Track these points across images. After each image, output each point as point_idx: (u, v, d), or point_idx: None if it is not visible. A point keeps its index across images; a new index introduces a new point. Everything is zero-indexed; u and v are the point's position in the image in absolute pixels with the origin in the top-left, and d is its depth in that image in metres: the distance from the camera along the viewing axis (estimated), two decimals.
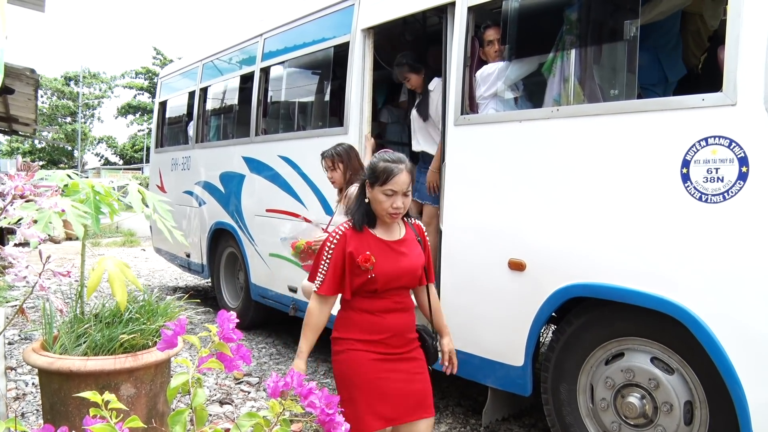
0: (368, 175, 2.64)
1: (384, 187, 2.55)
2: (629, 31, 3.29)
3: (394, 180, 2.54)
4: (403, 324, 2.68)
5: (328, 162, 4.16)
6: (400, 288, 2.68)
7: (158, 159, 8.79)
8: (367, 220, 2.65)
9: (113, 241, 15.68)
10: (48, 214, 2.42)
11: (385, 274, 2.58)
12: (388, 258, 2.61)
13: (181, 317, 1.40)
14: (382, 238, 2.66)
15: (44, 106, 45.61)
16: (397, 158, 2.61)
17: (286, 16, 5.79)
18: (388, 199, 2.56)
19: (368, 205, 2.64)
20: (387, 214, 2.59)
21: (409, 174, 2.58)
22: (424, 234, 2.85)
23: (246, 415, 1.30)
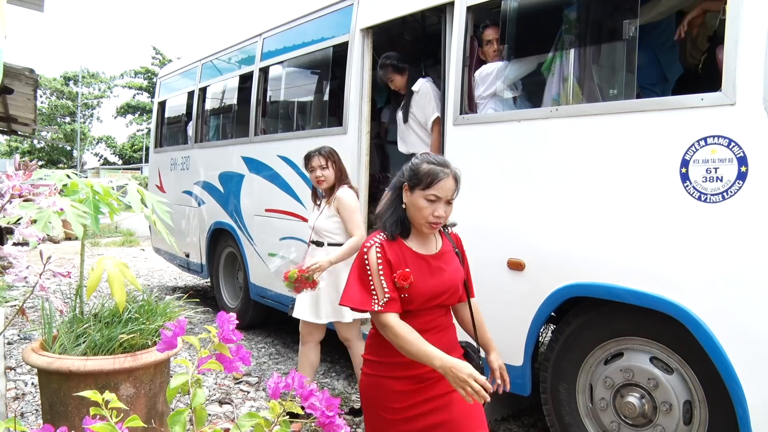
0: (408, 177, 2.34)
1: (427, 191, 2.26)
2: (628, 31, 3.29)
3: (439, 185, 2.26)
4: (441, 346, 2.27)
5: (321, 160, 4.06)
6: (438, 307, 2.38)
7: (157, 159, 8.79)
8: (401, 228, 2.34)
9: (112, 241, 15.68)
10: (47, 214, 2.42)
11: (422, 294, 2.29)
12: (424, 275, 2.31)
13: (180, 318, 1.39)
14: (418, 251, 2.35)
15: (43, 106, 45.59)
16: (443, 161, 2.34)
17: (285, 16, 5.79)
18: (429, 206, 2.26)
19: (404, 211, 2.34)
20: (426, 224, 2.29)
21: (454, 180, 2.31)
22: (462, 245, 2.58)
23: (246, 416, 1.30)
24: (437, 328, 2.38)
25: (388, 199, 2.43)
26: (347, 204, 4.06)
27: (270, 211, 5.69)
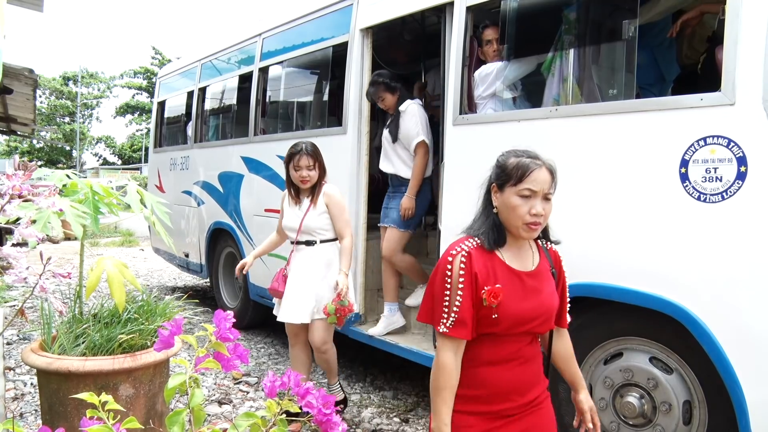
0: (495, 176, 2.09)
1: (519, 186, 1.98)
2: (627, 31, 3.29)
3: (531, 177, 1.98)
4: (526, 379, 2.08)
5: (310, 160, 3.95)
6: (524, 334, 2.07)
7: (157, 159, 8.79)
8: (496, 234, 2.04)
9: (112, 241, 15.68)
10: (47, 214, 2.42)
11: (512, 316, 1.98)
12: (517, 294, 2.01)
13: (177, 317, 1.39)
14: (512, 266, 2.05)
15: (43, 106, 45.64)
16: (533, 153, 2.09)
17: (284, 16, 5.79)
18: (524, 203, 1.97)
19: (497, 216, 2.06)
20: (523, 225, 1.98)
21: (549, 172, 2.03)
22: (561, 264, 2.27)
23: (243, 415, 1.30)
24: (523, 358, 2.08)
25: (480, 208, 2.16)
26: (338, 200, 4.07)
27: (269, 211, 5.69)
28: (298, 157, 3.96)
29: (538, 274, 2.10)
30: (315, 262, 4.03)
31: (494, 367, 2.04)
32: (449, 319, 1.97)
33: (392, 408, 4.46)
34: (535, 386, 2.10)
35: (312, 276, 3.98)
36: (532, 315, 2.03)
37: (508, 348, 2.04)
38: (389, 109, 4.67)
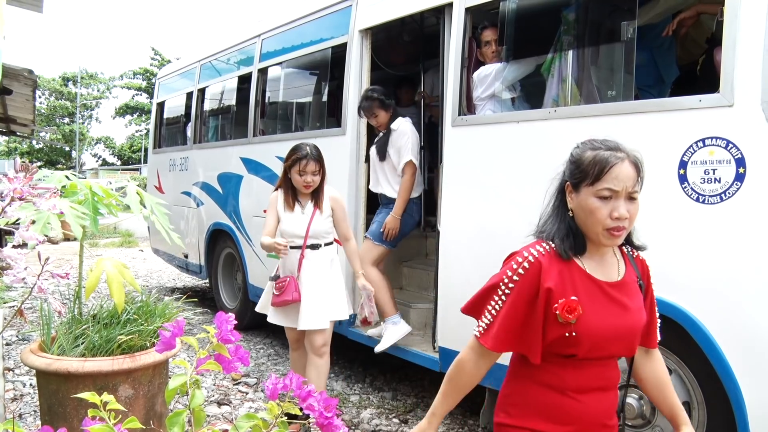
0: (569, 173, 1.80)
1: (597, 186, 1.69)
2: (626, 32, 3.29)
3: (612, 173, 1.68)
4: (603, 409, 1.80)
5: (315, 165, 3.80)
6: (609, 357, 1.79)
7: (156, 160, 8.79)
8: (574, 241, 1.76)
9: (111, 242, 15.68)
10: (46, 215, 2.43)
11: (594, 335, 1.70)
12: (599, 309, 1.72)
13: (179, 318, 1.40)
14: (594, 275, 1.77)
15: (42, 106, 45.64)
16: (614, 144, 1.77)
17: (283, 17, 5.80)
18: (604, 205, 1.68)
19: (572, 219, 1.77)
20: (604, 231, 1.69)
21: (634, 166, 1.74)
22: (649, 274, 1.94)
23: (244, 417, 1.30)
24: (604, 387, 1.80)
25: (550, 208, 1.89)
26: (343, 204, 4.04)
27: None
28: (304, 162, 3.77)
29: (624, 285, 1.80)
30: (322, 265, 3.93)
31: (575, 395, 1.75)
32: (484, 322, 1.79)
33: (391, 409, 4.46)
34: (612, 415, 1.83)
35: (323, 280, 3.89)
36: (618, 333, 1.74)
37: (590, 372, 1.76)
38: (380, 126, 4.58)
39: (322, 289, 3.88)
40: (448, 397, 1.89)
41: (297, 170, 3.80)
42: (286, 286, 3.83)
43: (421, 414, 4.34)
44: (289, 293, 3.79)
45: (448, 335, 3.92)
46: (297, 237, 3.88)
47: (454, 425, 4.16)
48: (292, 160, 3.82)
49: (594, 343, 1.71)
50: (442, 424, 4.14)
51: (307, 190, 3.87)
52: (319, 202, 3.90)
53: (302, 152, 3.80)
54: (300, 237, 3.87)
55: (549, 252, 1.76)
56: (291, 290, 3.80)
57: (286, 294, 3.80)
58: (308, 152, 3.80)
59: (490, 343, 1.76)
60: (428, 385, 4.93)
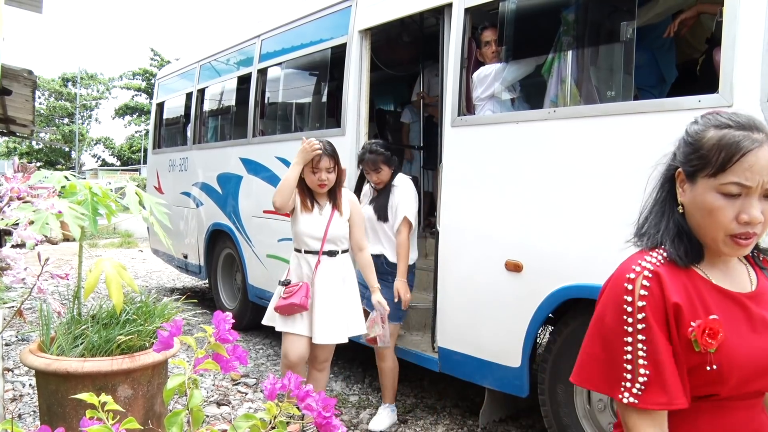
0: (683, 157, 1.40)
1: (721, 178, 1.26)
2: (626, 33, 3.30)
3: (747, 161, 1.23)
4: None
5: (329, 161, 3.58)
6: (757, 395, 1.35)
7: (156, 160, 8.79)
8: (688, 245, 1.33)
9: (110, 242, 15.68)
10: (45, 216, 2.43)
11: (742, 364, 1.27)
12: (742, 329, 1.30)
13: (176, 318, 1.40)
14: (723, 286, 1.34)
15: (42, 107, 45.66)
16: (749, 121, 1.29)
17: (283, 18, 5.80)
18: (729, 204, 1.25)
19: (682, 216, 1.37)
20: (726, 238, 1.27)
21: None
22: None
23: (243, 417, 1.30)
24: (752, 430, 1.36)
25: (652, 200, 1.52)
26: (360, 209, 3.88)
27: (268, 212, 5.69)
28: (317, 159, 3.55)
29: (760, 296, 1.36)
30: (339, 274, 3.68)
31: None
32: (637, 381, 1.26)
33: None
34: None
35: (340, 290, 3.66)
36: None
37: (738, 416, 1.33)
38: (380, 183, 4.15)
39: (339, 300, 3.64)
40: None
41: (310, 168, 3.57)
42: (296, 291, 3.54)
43: (421, 414, 4.35)
44: (298, 297, 3.50)
45: (448, 335, 3.92)
46: (314, 239, 3.63)
47: (453, 425, 4.16)
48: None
49: (742, 377, 1.27)
50: (441, 425, 4.15)
51: (322, 190, 3.64)
52: (337, 202, 3.68)
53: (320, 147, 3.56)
54: (317, 239, 3.63)
55: (664, 260, 1.34)
56: (300, 295, 3.51)
57: (294, 297, 3.51)
58: (319, 148, 3.55)
59: (665, 400, 1.25)
60: (427, 385, 4.93)
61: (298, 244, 3.71)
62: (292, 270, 3.73)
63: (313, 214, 3.65)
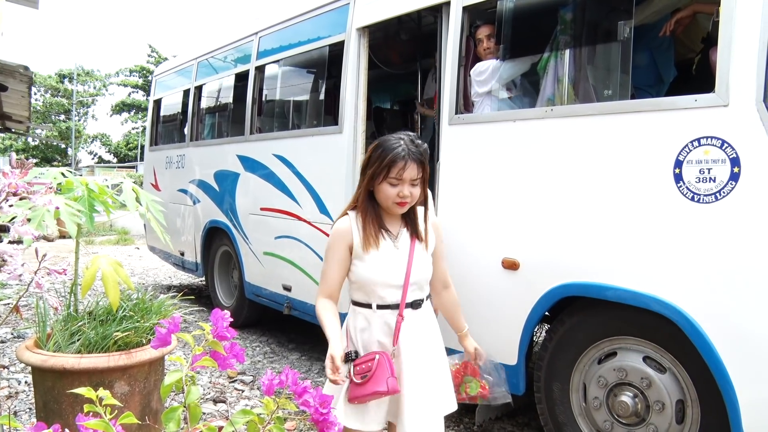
0: None
1: None
2: (623, 32, 3.30)
3: None
4: None
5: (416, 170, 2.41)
6: None
7: (153, 157, 8.78)
8: None
9: (107, 239, 15.66)
10: (42, 212, 2.42)
11: None
12: None
13: (175, 315, 1.40)
14: None
15: (38, 103, 45.54)
16: None
17: (281, 15, 5.79)
18: None
19: None
20: None
21: None
22: None
23: (240, 413, 1.31)
24: None
25: None
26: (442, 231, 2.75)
27: (265, 209, 5.70)
28: (402, 164, 2.37)
29: None
30: (424, 333, 2.57)
31: None
32: None
33: None
34: None
35: (428, 356, 2.55)
36: None
37: None
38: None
39: (430, 368, 2.55)
40: None
41: (389, 178, 2.38)
42: (375, 369, 2.35)
43: None
44: (382, 381, 2.32)
45: (445, 334, 3.92)
46: (391, 287, 2.46)
47: (449, 423, 4.17)
48: (382, 164, 2.39)
49: None
50: None
51: (402, 209, 2.46)
52: (417, 229, 2.55)
53: (397, 150, 2.38)
54: (395, 287, 2.47)
55: None
56: (384, 376, 2.33)
57: (376, 382, 2.32)
58: (406, 150, 2.38)
59: None
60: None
61: (363, 295, 2.51)
62: (355, 335, 2.52)
63: (383, 249, 2.48)
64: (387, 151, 2.38)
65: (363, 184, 2.48)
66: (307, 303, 5.16)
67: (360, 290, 2.52)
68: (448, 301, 2.81)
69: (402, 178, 2.37)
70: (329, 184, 4.88)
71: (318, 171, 5.04)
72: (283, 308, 5.48)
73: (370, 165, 2.44)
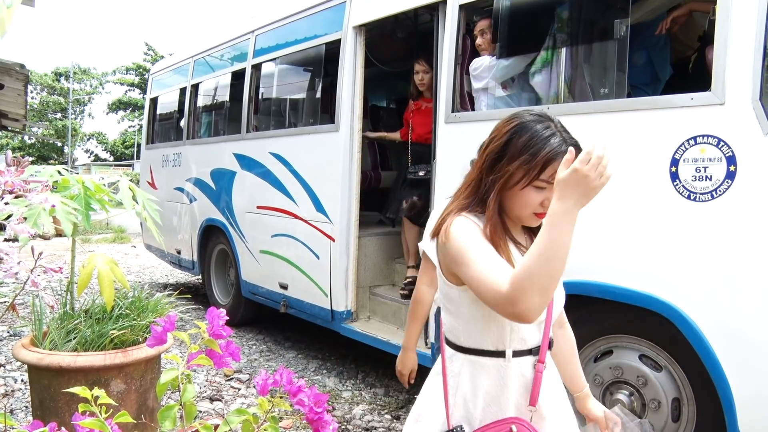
0: None
1: None
2: (619, 30, 3.31)
3: None
4: None
5: None
6: None
7: (149, 155, 8.77)
8: None
9: (103, 238, 15.63)
10: (38, 210, 2.42)
11: None
12: None
13: (171, 313, 1.40)
14: None
15: (34, 101, 45.43)
16: None
17: (277, 13, 5.79)
18: None
19: None
20: None
21: None
22: None
23: (235, 412, 1.31)
24: None
25: None
26: None
27: (262, 208, 5.69)
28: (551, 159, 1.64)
29: None
30: (560, 386, 1.89)
31: None
32: None
33: (383, 405, 4.47)
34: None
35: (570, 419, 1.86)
36: None
37: None
38: None
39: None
40: None
41: (538, 181, 1.64)
42: None
43: None
44: None
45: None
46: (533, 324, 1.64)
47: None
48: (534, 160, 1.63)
49: None
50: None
51: (538, 221, 1.71)
52: None
53: (553, 140, 1.64)
54: (537, 323, 1.73)
55: None
56: None
57: None
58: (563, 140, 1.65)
59: None
60: (420, 381, 4.93)
61: (492, 339, 1.72)
62: (468, 400, 1.76)
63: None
64: (540, 143, 1.62)
65: (498, 184, 1.66)
66: (304, 301, 5.17)
67: (486, 331, 1.71)
68: (565, 346, 1.99)
69: (553, 181, 1.52)
70: (326, 183, 4.88)
71: (314, 169, 5.04)
72: (279, 306, 5.48)
73: (510, 157, 1.64)
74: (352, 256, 4.79)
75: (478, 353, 1.72)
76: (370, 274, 5.12)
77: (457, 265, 1.59)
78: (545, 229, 1.40)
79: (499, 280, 1.45)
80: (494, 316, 1.64)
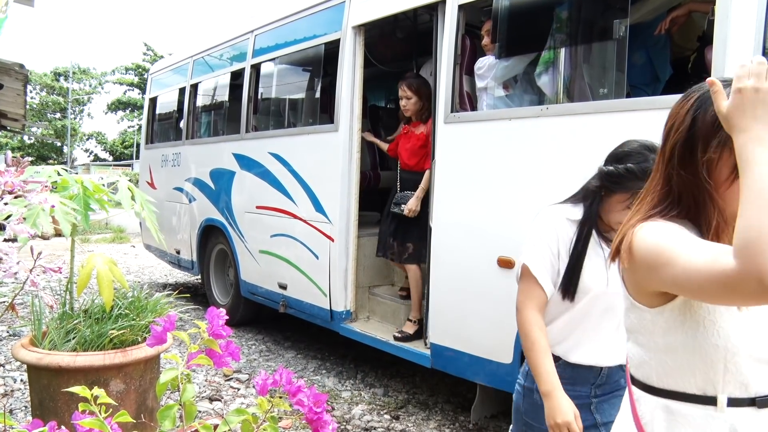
0: None
1: None
2: (618, 31, 3.31)
3: None
4: None
5: None
6: None
7: (148, 155, 8.77)
8: None
9: (102, 238, 15.62)
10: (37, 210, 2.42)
11: None
12: None
13: (170, 313, 1.40)
14: None
15: (33, 101, 45.38)
16: None
17: (277, 13, 5.79)
18: None
19: None
20: None
21: None
22: None
23: (234, 412, 1.31)
24: None
25: None
26: None
27: (261, 208, 5.69)
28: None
29: None
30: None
31: None
32: None
33: (383, 405, 4.47)
34: None
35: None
36: None
37: None
38: None
39: None
40: None
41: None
42: None
43: (413, 410, 4.36)
44: None
45: (439, 331, 3.93)
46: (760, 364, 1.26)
47: (445, 421, 4.18)
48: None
49: None
50: (433, 420, 4.16)
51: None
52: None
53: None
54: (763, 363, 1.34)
55: None
56: None
57: None
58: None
59: None
60: (419, 381, 4.95)
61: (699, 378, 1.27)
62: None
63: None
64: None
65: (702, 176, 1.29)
66: (303, 301, 5.17)
67: (688, 368, 1.27)
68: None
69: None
70: (325, 183, 4.88)
71: (314, 169, 5.04)
72: (278, 306, 5.48)
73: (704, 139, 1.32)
74: (351, 256, 4.79)
75: (677, 397, 1.28)
76: (369, 274, 5.13)
77: (656, 272, 1.21)
78: (743, 174, 1.07)
79: (721, 258, 1.06)
80: (700, 348, 1.23)
